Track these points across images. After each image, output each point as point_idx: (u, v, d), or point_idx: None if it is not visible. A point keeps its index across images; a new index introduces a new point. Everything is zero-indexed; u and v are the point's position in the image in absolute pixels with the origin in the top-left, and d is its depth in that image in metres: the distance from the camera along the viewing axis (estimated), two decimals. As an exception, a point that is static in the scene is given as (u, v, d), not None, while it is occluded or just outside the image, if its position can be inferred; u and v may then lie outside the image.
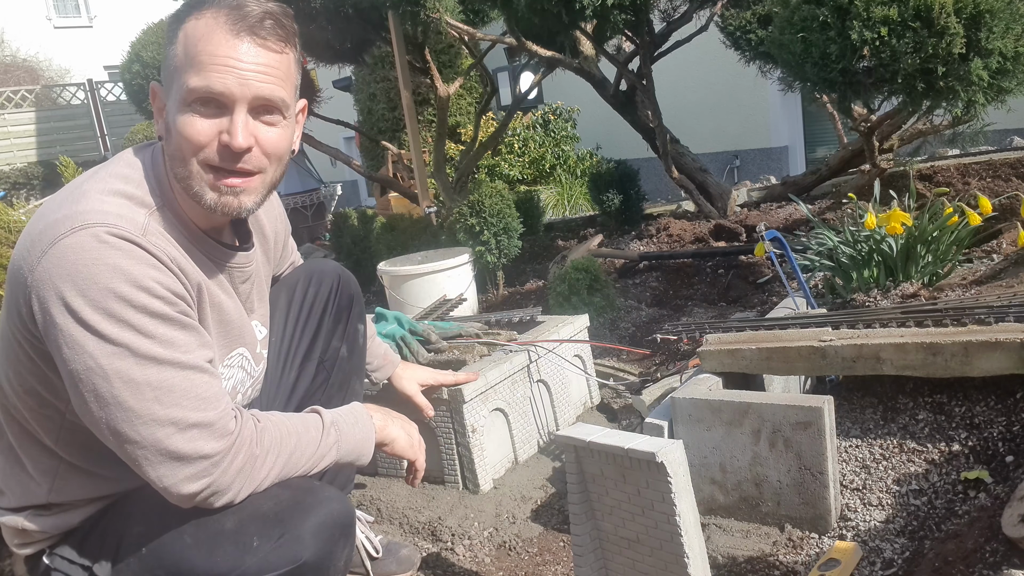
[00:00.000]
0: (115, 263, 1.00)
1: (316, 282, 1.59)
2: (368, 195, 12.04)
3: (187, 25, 1.10)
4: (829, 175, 4.51)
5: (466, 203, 3.99)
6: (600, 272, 3.31)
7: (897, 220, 2.23)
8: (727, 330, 2.08)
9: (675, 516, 1.28)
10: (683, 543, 1.28)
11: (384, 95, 8.64)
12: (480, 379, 2.01)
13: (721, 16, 4.42)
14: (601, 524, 1.44)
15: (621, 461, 1.33)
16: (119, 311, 1.00)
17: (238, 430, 1.08)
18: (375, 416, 1.33)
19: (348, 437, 1.24)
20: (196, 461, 1.03)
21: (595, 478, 1.41)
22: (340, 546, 1.12)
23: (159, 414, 1.01)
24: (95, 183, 1.10)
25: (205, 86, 1.08)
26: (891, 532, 1.59)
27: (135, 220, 1.06)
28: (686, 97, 8.35)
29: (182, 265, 1.09)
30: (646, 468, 1.29)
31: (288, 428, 1.16)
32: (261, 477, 1.10)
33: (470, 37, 4.63)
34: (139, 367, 1.01)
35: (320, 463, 1.19)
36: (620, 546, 1.41)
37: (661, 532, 1.32)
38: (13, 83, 14.30)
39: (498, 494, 2.02)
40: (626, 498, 1.36)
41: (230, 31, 1.09)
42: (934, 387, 1.85)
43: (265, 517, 1.08)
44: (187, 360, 1.05)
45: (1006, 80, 2.74)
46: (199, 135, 1.10)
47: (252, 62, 1.10)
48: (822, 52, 2.81)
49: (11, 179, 11.85)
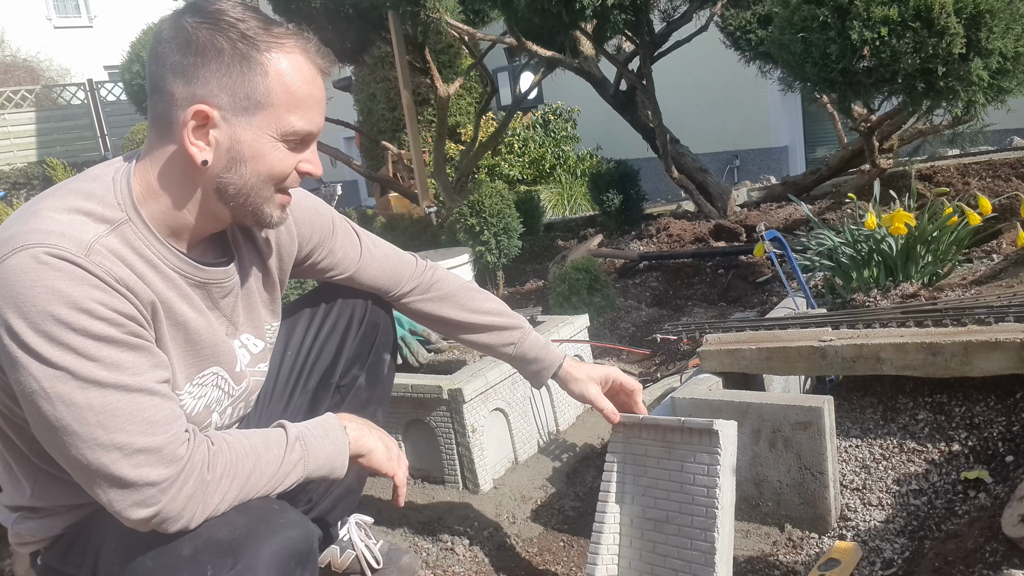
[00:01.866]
0: (53, 285, 0.98)
1: (342, 305, 1.55)
2: (368, 195, 12.05)
3: (276, 58, 1.10)
4: (829, 175, 4.51)
5: (466, 203, 3.99)
6: (600, 272, 3.31)
7: (901, 220, 2.23)
8: (727, 330, 2.08)
9: (716, 488, 1.33)
10: (717, 516, 1.33)
11: (384, 95, 8.65)
12: (480, 379, 2.02)
13: (721, 16, 4.42)
14: (628, 507, 1.49)
15: (671, 436, 1.41)
16: (58, 334, 0.98)
17: (188, 455, 1.05)
18: (349, 427, 1.27)
19: (317, 451, 1.20)
20: (143, 488, 1.01)
21: (636, 458, 1.48)
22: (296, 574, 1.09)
23: (103, 439, 0.99)
24: (51, 200, 1.08)
25: (309, 129, 1.16)
26: (891, 532, 1.59)
27: (80, 239, 1.03)
28: (686, 97, 8.35)
29: (130, 284, 1.05)
30: (697, 440, 1.37)
31: (246, 448, 1.12)
32: (216, 502, 1.07)
33: (470, 37, 4.63)
34: (81, 391, 0.99)
35: (285, 480, 1.16)
36: (643, 528, 1.45)
37: (695, 507, 1.37)
38: (13, 83, 14.31)
39: (498, 494, 2.02)
40: (666, 475, 1.42)
41: (318, 70, 1.15)
42: (934, 387, 1.85)
43: (219, 545, 1.05)
44: (134, 383, 1.02)
45: (1006, 80, 2.74)
46: (288, 168, 1.17)
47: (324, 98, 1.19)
48: (822, 52, 2.82)
49: (11, 179, 11.85)
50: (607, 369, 1.61)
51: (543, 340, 1.63)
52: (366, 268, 1.55)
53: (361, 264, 1.54)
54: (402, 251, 1.62)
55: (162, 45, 1.10)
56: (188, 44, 1.08)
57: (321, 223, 1.45)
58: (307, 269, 1.48)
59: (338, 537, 1.69)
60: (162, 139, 1.12)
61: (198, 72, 1.08)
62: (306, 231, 1.42)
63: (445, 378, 2.05)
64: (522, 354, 1.61)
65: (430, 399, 2.01)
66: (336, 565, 1.68)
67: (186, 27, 1.09)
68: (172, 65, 1.09)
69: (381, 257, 1.56)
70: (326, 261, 1.49)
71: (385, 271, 1.56)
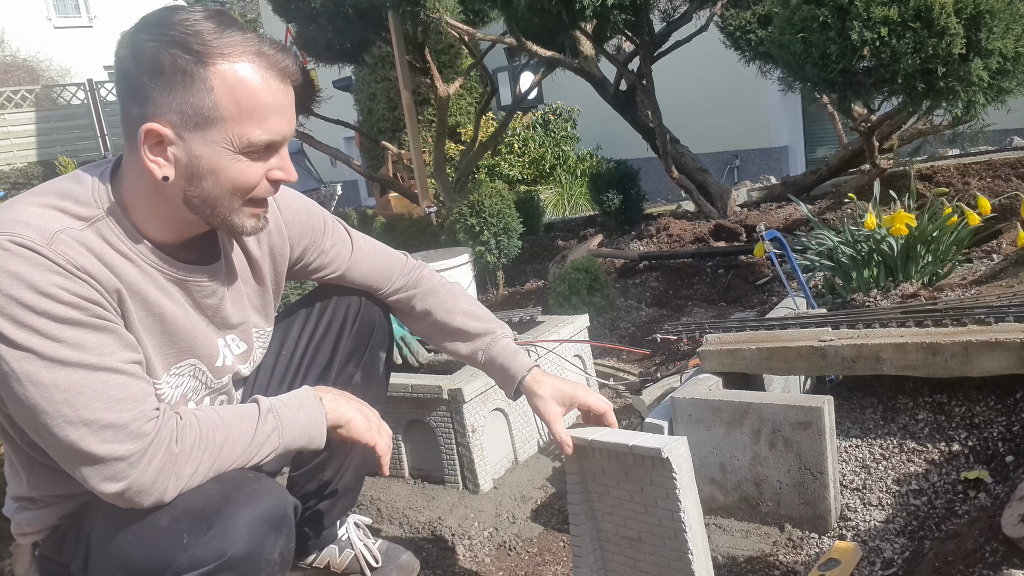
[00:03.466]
0: (15, 270, 1.02)
1: (336, 304, 1.56)
2: (368, 195, 12.05)
3: (222, 70, 1.09)
4: (829, 175, 4.51)
5: (466, 203, 3.99)
6: (600, 272, 3.31)
7: (902, 221, 2.23)
8: (727, 330, 2.08)
9: (679, 512, 1.27)
10: (687, 539, 1.28)
11: (384, 95, 8.65)
12: (480, 379, 2.01)
13: (721, 16, 4.42)
14: (601, 524, 1.44)
15: (624, 459, 1.33)
16: (22, 316, 1.02)
17: (156, 430, 1.08)
18: (325, 398, 1.28)
19: (291, 422, 1.21)
20: (112, 463, 1.05)
21: (596, 477, 1.41)
22: (271, 539, 1.12)
23: (70, 416, 1.04)
24: (30, 196, 1.13)
25: (269, 139, 1.13)
26: (891, 532, 1.59)
27: (45, 228, 1.07)
28: (686, 97, 8.36)
29: (93, 272, 1.08)
30: (650, 465, 1.29)
31: (216, 421, 1.15)
32: (188, 473, 1.10)
33: (470, 37, 4.63)
34: (47, 370, 1.03)
35: (260, 451, 1.18)
36: (621, 546, 1.41)
37: (664, 529, 1.32)
38: (13, 83, 14.31)
39: (498, 494, 2.02)
40: (628, 496, 1.36)
41: (279, 78, 1.13)
42: (934, 387, 1.85)
43: (195, 513, 1.09)
44: (99, 362, 1.06)
45: (1006, 80, 2.74)
46: (254, 178, 1.16)
47: (291, 102, 1.16)
48: (822, 52, 2.82)
49: (11, 179, 11.85)
50: (575, 390, 1.47)
51: (513, 348, 1.54)
52: (357, 266, 1.55)
53: (352, 262, 1.54)
54: (392, 249, 1.62)
55: (119, 64, 1.12)
56: (137, 64, 1.09)
57: (311, 224, 1.46)
58: (300, 270, 1.49)
59: (337, 537, 1.69)
60: (130, 154, 1.15)
61: (147, 92, 1.09)
62: (296, 232, 1.43)
63: (445, 378, 2.05)
64: (490, 360, 1.53)
65: (430, 399, 2.01)
66: (335, 565, 1.68)
67: (136, 45, 1.10)
68: (127, 86, 1.11)
69: (371, 254, 1.57)
70: (318, 261, 1.50)
71: (376, 268, 1.57)
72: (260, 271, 1.39)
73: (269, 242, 1.39)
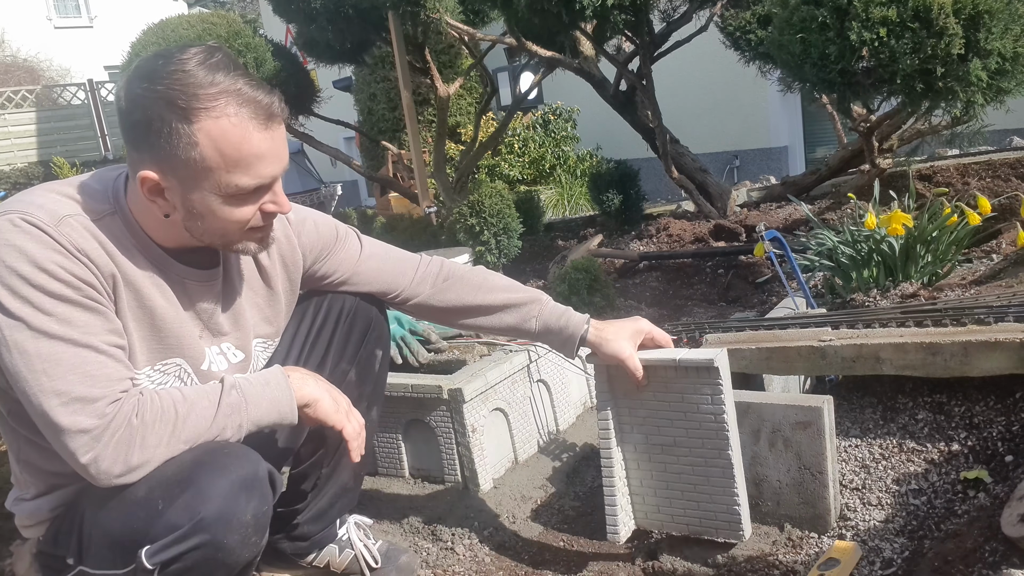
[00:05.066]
0: (20, 245, 1.10)
1: (331, 302, 1.56)
2: (368, 195, 12.04)
3: (206, 126, 1.12)
4: (829, 175, 4.51)
5: (466, 203, 3.99)
6: (600, 272, 3.31)
7: (898, 221, 2.23)
8: (727, 330, 2.08)
9: (723, 414, 1.46)
10: (728, 436, 1.47)
11: (384, 95, 8.65)
12: (480, 379, 2.02)
13: (721, 16, 4.42)
14: (630, 436, 1.59)
15: (666, 373, 1.50)
16: (19, 287, 1.09)
17: (118, 408, 1.13)
18: (292, 376, 1.30)
19: (256, 397, 1.23)
20: (77, 435, 1.10)
21: (628, 392, 1.56)
22: (243, 499, 1.15)
23: (46, 385, 1.10)
24: (52, 184, 1.21)
25: (257, 183, 1.18)
26: (890, 532, 1.59)
27: (55, 211, 1.14)
28: (686, 97, 8.35)
29: (92, 256, 1.15)
30: (695, 375, 1.47)
31: (177, 396, 1.19)
32: (152, 444, 1.14)
33: (470, 37, 4.64)
34: (33, 340, 1.10)
35: (227, 425, 1.20)
36: (651, 453, 1.57)
37: (705, 431, 1.49)
38: (13, 83, 14.30)
39: (498, 494, 2.02)
40: (666, 406, 1.52)
41: (262, 126, 1.16)
42: (934, 387, 1.85)
43: (168, 481, 1.14)
44: (82, 339, 1.12)
45: (1005, 80, 2.74)
46: (247, 215, 1.21)
47: (282, 141, 1.21)
48: (821, 53, 2.82)
49: (11, 179, 11.83)
50: (638, 322, 1.55)
51: (561, 309, 1.59)
52: (369, 272, 1.57)
53: (363, 269, 1.56)
54: (408, 253, 1.64)
55: (118, 106, 1.19)
56: (130, 114, 1.15)
57: (320, 232, 1.49)
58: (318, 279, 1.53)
59: (337, 536, 1.69)
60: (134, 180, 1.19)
61: (139, 142, 1.16)
62: (307, 240, 1.47)
63: (445, 378, 2.05)
64: (545, 326, 1.58)
65: (430, 399, 2.02)
66: (335, 565, 1.68)
67: (131, 95, 1.15)
68: (124, 129, 1.18)
69: (384, 259, 1.59)
70: (331, 269, 1.53)
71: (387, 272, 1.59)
72: (270, 277, 1.42)
73: (279, 251, 1.43)
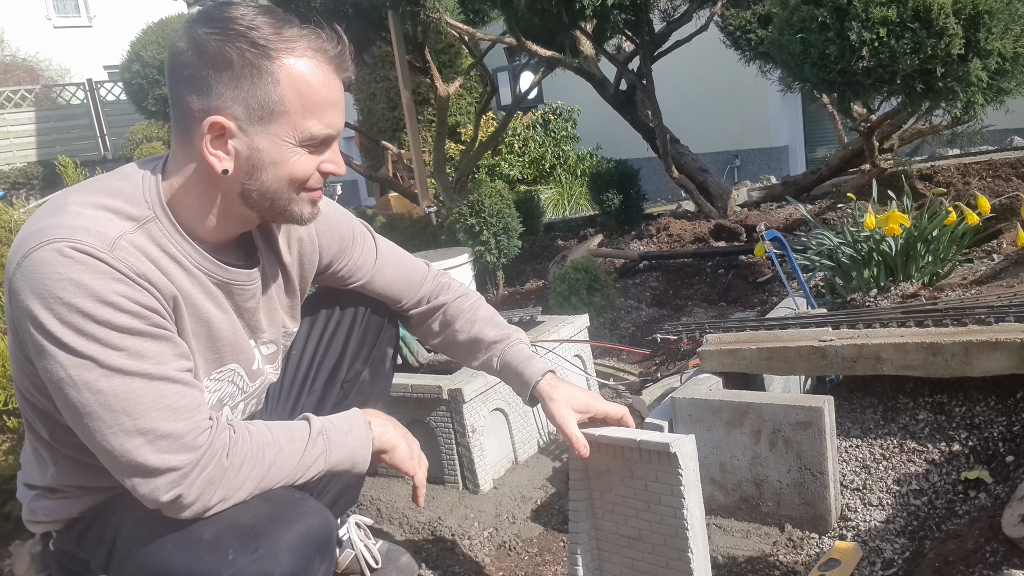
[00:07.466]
0: (77, 278, 1.02)
1: (345, 303, 1.56)
2: (368, 195, 12.04)
3: (288, 64, 1.10)
4: (829, 175, 4.51)
5: (466, 203, 3.99)
6: (600, 272, 3.31)
7: (895, 221, 2.23)
8: (727, 330, 2.08)
9: (682, 510, 1.28)
10: (688, 537, 1.29)
11: (384, 95, 8.64)
12: (480, 379, 2.02)
13: (721, 16, 4.42)
14: (601, 523, 1.44)
15: (630, 455, 1.34)
16: (83, 325, 1.02)
17: (209, 442, 1.08)
18: (374, 423, 1.29)
19: (339, 446, 1.21)
20: (165, 473, 1.05)
21: (600, 474, 1.42)
22: (316, 563, 1.11)
23: (127, 425, 1.03)
24: (79, 195, 1.12)
25: (327, 132, 1.15)
26: (891, 532, 1.59)
27: (105, 235, 1.06)
28: (686, 97, 8.35)
29: (153, 279, 1.09)
30: (656, 461, 1.30)
31: (268, 439, 1.15)
32: (234, 488, 1.10)
33: (470, 37, 4.63)
34: (106, 378, 1.03)
35: (307, 473, 1.18)
36: (619, 544, 1.42)
37: (666, 527, 1.32)
38: (13, 83, 14.29)
39: (498, 494, 2.02)
40: (632, 494, 1.36)
41: (335, 72, 1.15)
42: (934, 387, 1.85)
43: (242, 530, 1.09)
44: (157, 371, 1.06)
45: (1005, 81, 2.74)
46: (309, 171, 1.17)
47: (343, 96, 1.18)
48: (821, 53, 2.82)
49: (11, 179, 11.83)
50: (590, 399, 1.45)
51: (528, 353, 1.53)
52: (382, 276, 1.56)
53: (377, 272, 1.55)
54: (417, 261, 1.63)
55: (176, 57, 1.11)
56: (200, 56, 1.09)
57: (341, 232, 1.47)
58: (327, 277, 1.51)
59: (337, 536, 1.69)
60: (183, 148, 1.14)
61: (211, 84, 1.09)
62: (327, 240, 1.44)
63: (445, 378, 2.05)
64: (505, 365, 1.53)
65: (430, 399, 2.01)
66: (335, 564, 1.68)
67: (197, 38, 1.09)
68: (187, 78, 1.10)
69: (397, 265, 1.58)
70: (345, 269, 1.51)
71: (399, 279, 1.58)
72: (290, 276, 1.40)
73: (299, 249, 1.40)
